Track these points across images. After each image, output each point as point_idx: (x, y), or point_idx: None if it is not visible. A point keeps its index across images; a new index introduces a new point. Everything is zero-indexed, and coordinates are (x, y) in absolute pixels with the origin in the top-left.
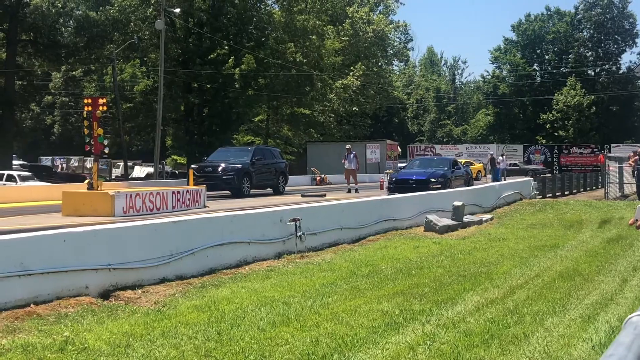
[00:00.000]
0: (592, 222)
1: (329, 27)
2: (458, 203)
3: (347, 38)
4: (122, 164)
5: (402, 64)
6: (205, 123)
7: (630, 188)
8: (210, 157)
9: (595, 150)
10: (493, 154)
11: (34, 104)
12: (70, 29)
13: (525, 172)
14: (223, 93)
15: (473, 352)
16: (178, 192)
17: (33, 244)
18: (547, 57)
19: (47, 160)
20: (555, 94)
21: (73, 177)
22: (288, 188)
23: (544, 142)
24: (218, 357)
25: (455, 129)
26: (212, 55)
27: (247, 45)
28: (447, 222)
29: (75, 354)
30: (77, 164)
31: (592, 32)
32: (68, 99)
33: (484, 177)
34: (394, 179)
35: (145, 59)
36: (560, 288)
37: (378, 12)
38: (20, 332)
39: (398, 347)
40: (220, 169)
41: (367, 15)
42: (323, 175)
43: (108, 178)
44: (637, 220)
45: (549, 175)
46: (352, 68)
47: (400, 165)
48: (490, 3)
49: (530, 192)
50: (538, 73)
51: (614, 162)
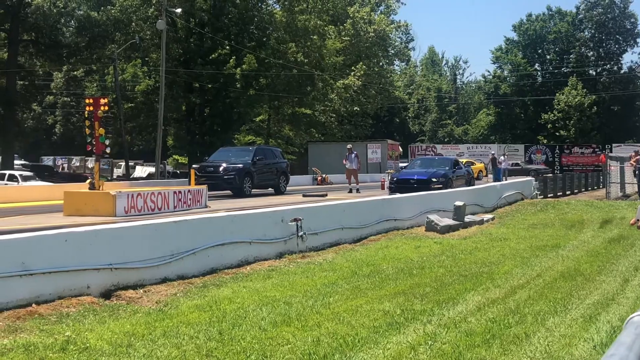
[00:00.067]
0: (593, 222)
1: (330, 27)
2: (459, 203)
3: (348, 38)
4: (123, 164)
5: (403, 64)
6: (207, 123)
7: (632, 188)
8: (212, 157)
9: (597, 150)
10: (494, 154)
11: (36, 104)
12: (72, 29)
13: (528, 172)
14: (224, 93)
15: (474, 352)
16: (179, 192)
17: (35, 244)
18: (548, 57)
19: (48, 160)
20: (557, 94)
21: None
22: (289, 188)
23: (545, 142)
24: (219, 356)
25: (457, 129)
26: (213, 55)
27: (248, 45)
28: (448, 222)
29: (77, 354)
30: (78, 164)
31: (593, 32)
32: (69, 99)
33: (485, 177)
34: (395, 179)
35: (147, 59)
36: (562, 288)
37: (379, 12)
38: (22, 331)
39: (399, 347)
40: (222, 169)
41: (368, 15)
42: (324, 175)
43: (109, 178)
44: (638, 220)
45: (550, 175)
46: (353, 68)
47: (402, 165)
48: (492, 3)
49: (532, 192)
50: (539, 73)
51: (616, 162)
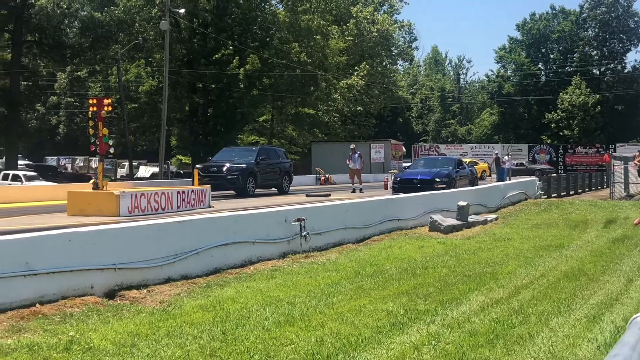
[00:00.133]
0: (597, 222)
1: (334, 27)
2: (463, 203)
3: (351, 38)
4: (127, 164)
5: (406, 64)
6: (210, 123)
7: (636, 188)
8: (215, 157)
9: (601, 150)
10: (498, 154)
11: (39, 105)
12: (75, 30)
13: (533, 171)
14: (228, 93)
15: (478, 352)
16: (183, 192)
17: (38, 244)
18: (552, 56)
19: (52, 160)
20: (560, 93)
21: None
22: (292, 188)
23: (549, 141)
24: (223, 356)
25: (460, 129)
26: (216, 56)
27: (251, 46)
28: (451, 222)
29: (81, 354)
30: (82, 164)
31: (597, 31)
32: (73, 100)
33: (489, 176)
34: (399, 179)
35: (150, 60)
36: (566, 288)
37: (382, 11)
38: (26, 331)
39: (403, 347)
40: (225, 169)
41: (371, 15)
42: (327, 175)
43: (113, 178)
44: None
45: (554, 175)
46: (356, 68)
47: (405, 165)
48: (495, 2)
49: (535, 192)
50: (543, 72)
51: (619, 161)
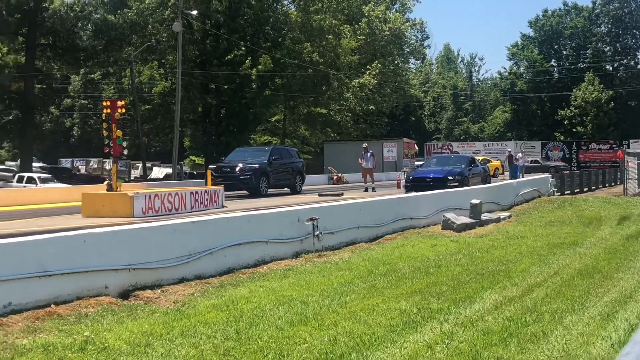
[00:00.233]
0: (611, 218)
1: (345, 26)
2: (476, 201)
3: (363, 37)
4: (140, 165)
5: (418, 62)
6: (223, 124)
7: None
8: (228, 157)
9: (614, 146)
10: (511, 151)
11: (54, 107)
12: (89, 33)
13: (547, 169)
14: (240, 94)
15: (491, 350)
16: (196, 192)
17: (53, 245)
18: (564, 52)
19: (66, 162)
20: (573, 90)
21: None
22: (305, 187)
23: (562, 138)
24: (237, 356)
25: (473, 127)
26: (229, 56)
27: (263, 46)
28: (464, 220)
29: (96, 354)
30: (96, 166)
31: (610, 26)
32: (87, 102)
33: (502, 174)
34: (411, 178)
35: (163, 61)
36: (579, 286)
37: (394, 10)
38: (41, 332)
39: (416, 345)
40: (238, 169)
41: (383, 14)
42: (340, 174)
43: (127, 179)
44: None
45: (567, 172)
46: (368, 67)
47: (418, 164)
48: None
49: (549, 189)
50: (556, 69)
51: (633, 157)
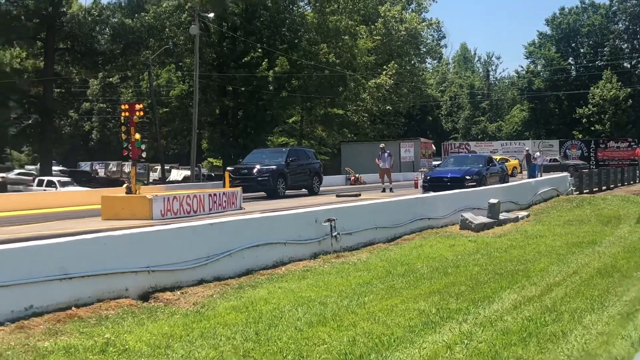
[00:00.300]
0: (630, 217)
1: (362, 26)
2: (494, 200)
3: (379, 37)
4: (159, 168)
5: (435, 62)
6: (240, 125)
7: None
8: (246, 159)
9: (632, 144)
10: (529, 150)
11: (73, 111)
12: (107, 37)
13: (566, 167)
14: (257, 95)
15: (511, 350)
16: (214, 194)
17: (74, 248)
18: (582, 50)
19: (86, 166)
20: (591, 88)
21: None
22: (322, 188)
23: (580, 136)
24: (256, 357)
25: (490, 126)
26: (246, 59)
27: (280, 48)
28: (482, 219)
29: (116, 356)
30: (115, 169)
31: (627, 24)
32: (105, 105)
33: (520, 173)
34: (429, 178)
35: (181, 64)
36: (599, 285)
37: (410, 10)
38: (62, 334)
39: (435, 346)
40: (256, 171)
41: (399, 14)
42: (357, 175)
43: (146, 182)
44: None
45: (586, 171)
46: (385, 67)
47: (435, 164)
48: None
49: (567, 188)
50: (573, 67)
51: None
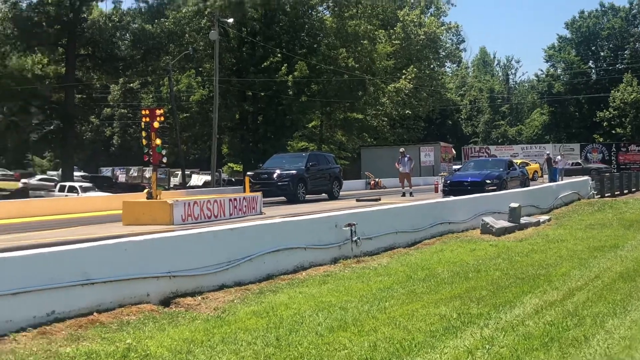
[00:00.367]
0: None
1: (381, 31)
2: (514, 204)
3: (398, 41)
4: (180, 173)
5: (454, 66)
6: (260, 130)
7: None
8: (266, 164)
9: None
10: (549, 154)
11: (94, 117)
12: (127, 42)
13: (589, 171)
14: (277, 100)
15: (533, 355)
16: (235, 199)
17: (95, 254)
18: (602, 53)
19: (107, 171)
20: (612, 91)
21: (132, 187)
22: (342, 193)
23: (601, 140)
24: None
25: (510, 130)
26: (265, 64)
27: (299, 52)
28: (503, 224)
29: None
30: (136, 174)
31: None
32: (126, 111)
33: (541, 177)
34: (449, 182)
35: (200, 69)
36: (621, 289)
37: (429, 14)
38: (84, 339)
39: (456, 351)
40: (276, 176)
41: (418, 18)
42: (377, 179)
43: (166, 187)
44: None
45: (607, 175)
46: (404, 71)
47: (455, 168)
48: (543, 1)
49: (588, 191)
50: (593, 70)
51: None
